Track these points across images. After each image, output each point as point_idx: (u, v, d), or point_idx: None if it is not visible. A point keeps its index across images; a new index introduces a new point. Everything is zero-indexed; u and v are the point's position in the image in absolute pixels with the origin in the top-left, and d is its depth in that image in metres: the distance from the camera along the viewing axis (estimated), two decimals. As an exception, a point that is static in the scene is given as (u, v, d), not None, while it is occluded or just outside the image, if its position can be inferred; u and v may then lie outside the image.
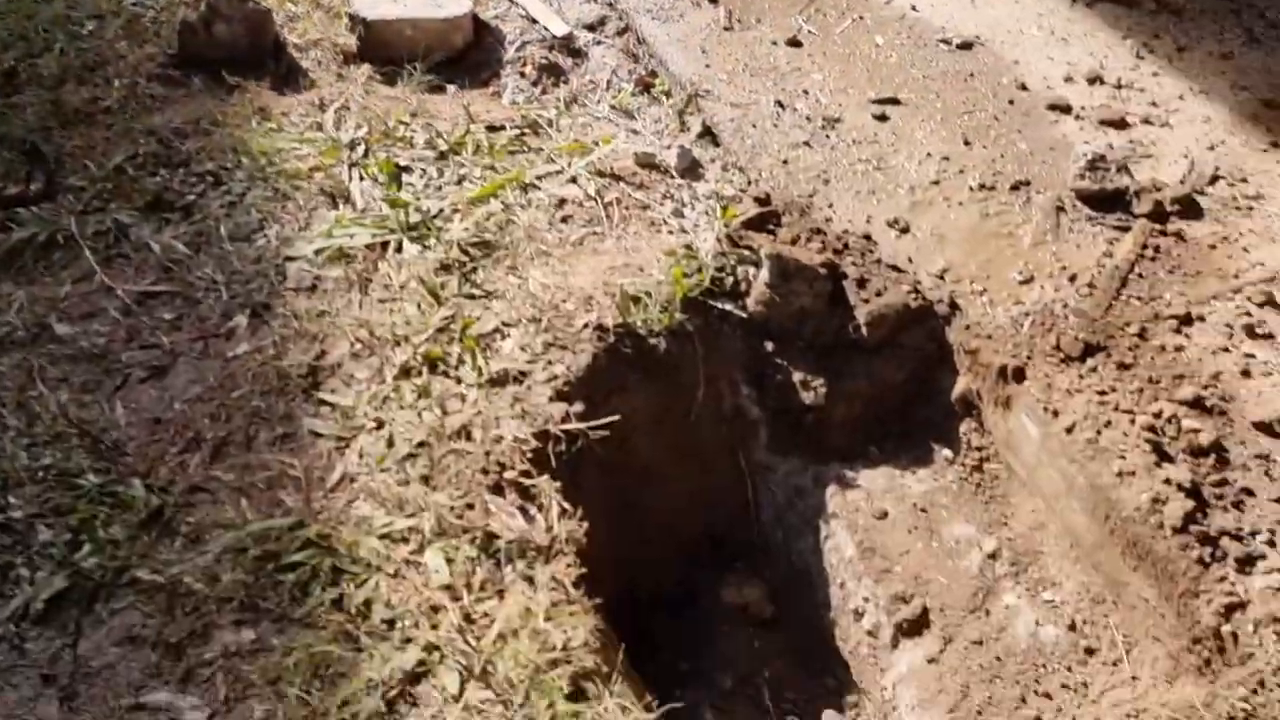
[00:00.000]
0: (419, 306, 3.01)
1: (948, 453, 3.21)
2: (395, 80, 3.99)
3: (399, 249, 3.20)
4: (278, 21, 4.08)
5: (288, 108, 3.71)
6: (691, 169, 3.60)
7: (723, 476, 3.39)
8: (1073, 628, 2.81)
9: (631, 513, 3.23)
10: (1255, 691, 2.17)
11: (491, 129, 3.72)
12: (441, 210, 3.34)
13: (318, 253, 3.14)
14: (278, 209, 3.29)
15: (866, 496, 3.17)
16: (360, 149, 3.54)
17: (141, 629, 2.27)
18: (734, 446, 3.35)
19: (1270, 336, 2.99)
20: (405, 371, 2.84)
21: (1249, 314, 3.04)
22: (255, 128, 3.57)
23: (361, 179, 3.43)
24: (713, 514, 3.45)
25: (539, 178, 3.48)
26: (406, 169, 3.48)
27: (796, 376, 3.19)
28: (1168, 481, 2.56)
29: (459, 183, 3.46)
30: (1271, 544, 2.46)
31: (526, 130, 3.76)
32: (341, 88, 3.86)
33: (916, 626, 2.94)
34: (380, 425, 2.71)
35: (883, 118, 3.85)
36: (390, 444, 2.67)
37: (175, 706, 2.16)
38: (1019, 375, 2.93)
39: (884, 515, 3.11)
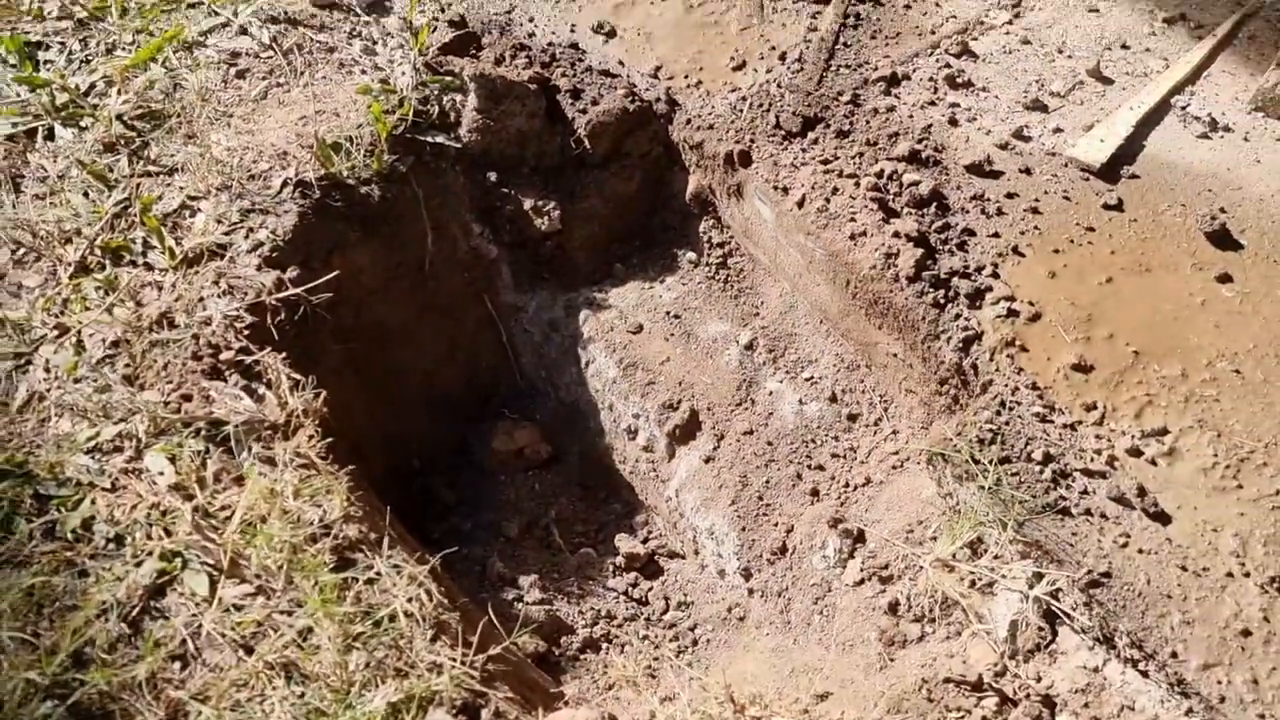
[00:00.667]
0: (86, 195, 2.64)
1: (691, 255, 3.16)
2: (14, -49, 3.41)
3: (50, 135, 2.78)
4: None
5: (-124, -4, 3.11)
6: (377, 3, 3.29)
7: (473, 326, 3.23)
8: (834, 399, 2.87)
9: (387, 380, 3.03)
10: (998, 413, 2.26)
11: (138, -11, 3.26)
12: (94, 85, 2.91)
13: (-53, 154, 2.68)
14: (-116, 113, 2.78)
15: (620, 315, 3.09)
16: (-22, 31, 3.02)
17: None
18: (478, 292, 3.18)
19: (970, 84, 3.06)
20: (83, 268, 2.50)
21: (949, 65, 3.10)
22: None
23: (-13, 64, 2.94)
24: (471, 367, 3.30)
25: (203, 34, 3.09)
26: (41, 45, 3.01)
27: (528, 204, 3.03)
28: (897, 235, 2.59)
29: (109, 52, 3.02)
30: (996, 275, 2.55)
31: (181, -14, 3.31)
32: (-59, -35, 3.27)
33: (689, 431, 2.93)
34: (64, 331, 2.37)
35: (571, -76, 3.64)
36: (80, 349, 2.34)
37: (-128, 688, 1.85)
38: (745, 159, 2.88)
39: (639, 329, 3.05)
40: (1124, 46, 3.20)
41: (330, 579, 1.99)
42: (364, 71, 3.04)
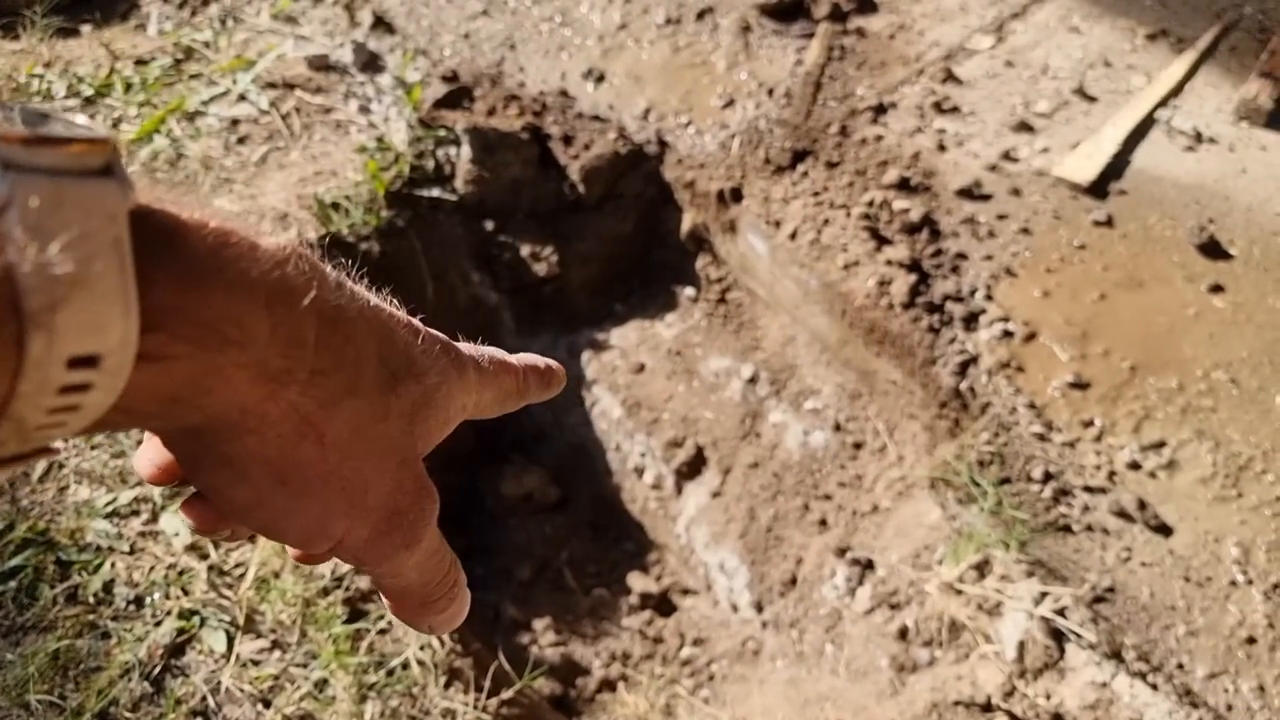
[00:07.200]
0: (95, 265, 2.70)
1: (690, 291, 3.20)
2: (16, 32, 3.52)
3: (59, 209, 2.85)
4: None
5: (-112, 84, 3.22)
6: (370, 62, 3.37)
7: (479, 372, 3.27)
8: (838, 428, 2.89)
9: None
10: (997, 434, 2.28)
11: (140, 63, 3.35)
12: (100, 159, 2.99)
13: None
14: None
15: (621, 354, 3.13)
16: (-11, 113, 3.11)
17: None
18: (480, 338, 3.22)
19: (956, 109, 3.10)
20: (94, 337, 2.55)
21: (934, 92, 3.14)
22: None
23: (-2, 144, 3.02)
24: (478, 412, 3.33)
25: (204, 103, 3.17)
26: (48, 123, 3.09)
27: (525, 250, 3.08)
28: (889, 262, 2.62)
29: (115, 126, 3.10)
30: (989, 297, 2.57)
31: (181, 58, 3.41)
32: (-49, 50, 3.38)
33: (695, 467, 2.96)
34: (77, 401, 2.42)
35: (559, -25, 3.72)
36: (94, 417, 2.39)
37: (-94, 762, 1.91)
38: (737, 195, 2.92)
39: (641, 368, 3.08)
40: (1107, 64, 3.24)
41: (343, 630, 2.03)
42: (360, 130, 3.11)
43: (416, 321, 0.53)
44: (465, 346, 0.57)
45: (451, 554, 0.56)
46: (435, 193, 2.96)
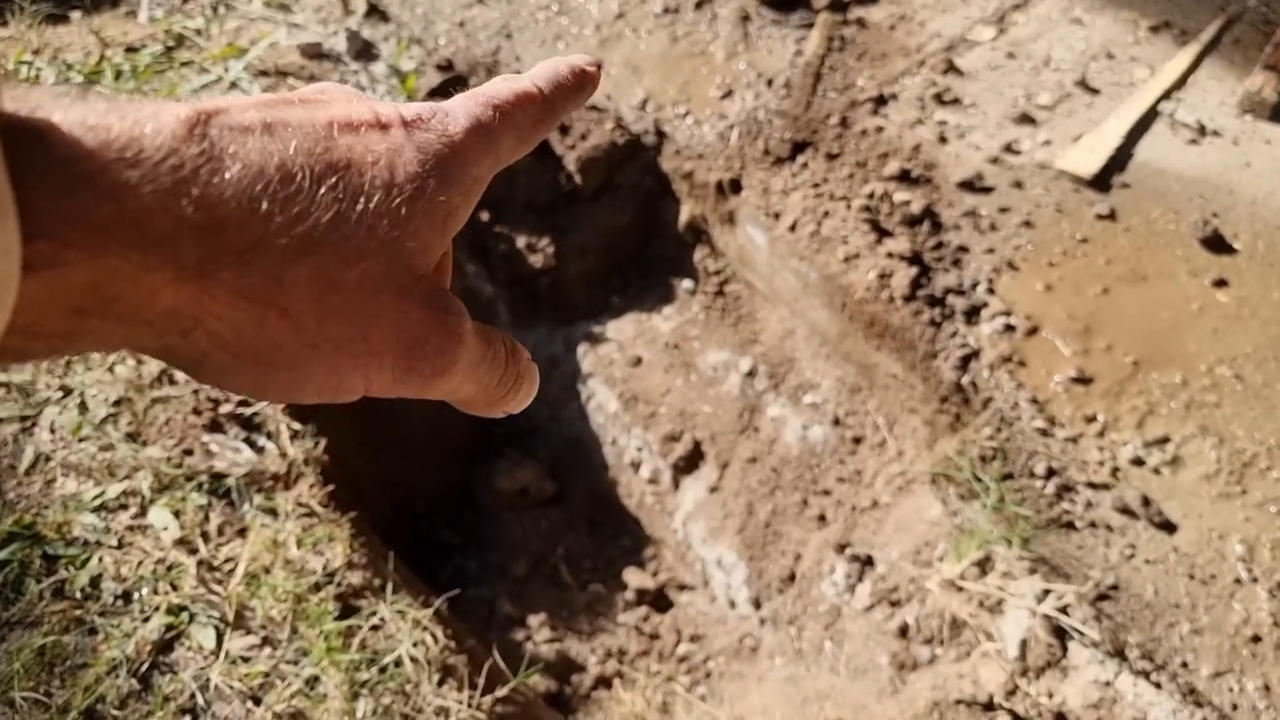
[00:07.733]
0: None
1: (688, 284, 3.17)
2: (5, 18, 3.47)
3: (48, 198, 2.81)
4: None
5: (-125, 69, 3.17)
6: (364, 51, 3.33)
7: (474, 365, 3.24)
8: (837, 423, 2.86)
9: (387, 426, 3.04)
10: (999, 429, 2.25)
11: (131, 50, 3.30)
12: (89, 147, 2.95)
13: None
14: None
15: (618, 347, 3.09)
16: (-23, 100, 3.06)
17: None
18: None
19: (957, 101, 3.07)
20: (83, 328, 2.51)
21: (935, 83, 3.11)
22: None
23: (-14, 132, 2.98)
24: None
25: (194, 91, 3.13)
26: (38, 110, 3.05)
27: (521, 242, 3.05)
28: (890, 255, 2.59)
29: (104, 114, 3.06)
30: (991, 290, 2.54)
31: (173, 45, 3.36)
32: (-61, 37, 3.33)
33: (692, 461, 2.93)
34: (68, 393, 2.39)
35: (556, -37, 3.68)
36: (84, 410, 2.36)
37: (-115, 759, 1.87)
38: (736, 187, 2.89)
39: (639, 362, 3.05)
40: (1109, 56, 3.21)
41: (334, 627, 2.00)
42: (355, 119, 3.06)
43: (380, 110, 0.45)
44: (460, 101, 0.48)
45: (504, 349, 0.50)
46: (430, 183, 2.92)
